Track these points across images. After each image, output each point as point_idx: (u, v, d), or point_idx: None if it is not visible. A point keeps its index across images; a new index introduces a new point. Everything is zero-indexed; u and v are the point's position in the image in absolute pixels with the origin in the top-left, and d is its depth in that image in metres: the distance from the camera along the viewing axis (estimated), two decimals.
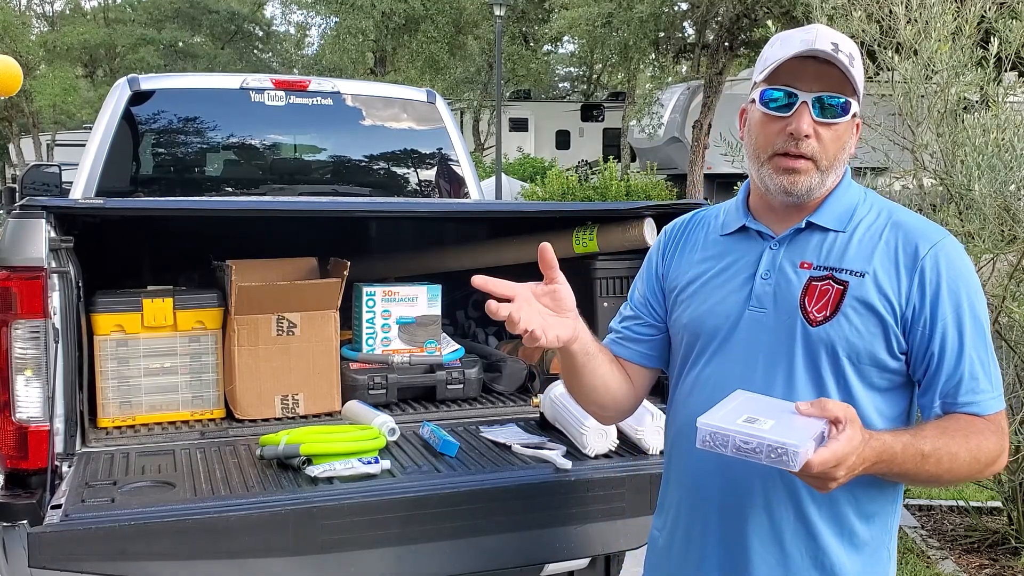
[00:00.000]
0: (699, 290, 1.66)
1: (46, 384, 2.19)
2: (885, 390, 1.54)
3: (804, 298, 1.54)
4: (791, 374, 1.54)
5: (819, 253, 1.56)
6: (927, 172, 3.85)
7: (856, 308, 1.51)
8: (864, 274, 1.52)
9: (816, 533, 1.53)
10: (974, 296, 1.52)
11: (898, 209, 1.60)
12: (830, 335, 1.51)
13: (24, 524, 2.01)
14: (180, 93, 4.36)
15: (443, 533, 2.14)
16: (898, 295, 1.50)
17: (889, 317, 1.50)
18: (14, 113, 31.69)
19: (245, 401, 2.71)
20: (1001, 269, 3.71)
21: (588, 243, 3.00)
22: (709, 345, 1.62)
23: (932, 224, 1.57)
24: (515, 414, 2.81)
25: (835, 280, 1.53)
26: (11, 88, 6.32)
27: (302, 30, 41.71)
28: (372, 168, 4.73)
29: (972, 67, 3.75)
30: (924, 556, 3.89)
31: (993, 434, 1.49)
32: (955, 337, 1.50)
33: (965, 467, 1.47)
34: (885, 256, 1.52)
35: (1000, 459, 1.51)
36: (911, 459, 1.41)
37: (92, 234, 2.67)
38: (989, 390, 1.51)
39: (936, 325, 1.50)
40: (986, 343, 1.53)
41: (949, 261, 1.51)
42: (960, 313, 1.50)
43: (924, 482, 1.51)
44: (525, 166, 23.83)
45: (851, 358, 1.51)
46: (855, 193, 1.61)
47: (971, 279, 1.54)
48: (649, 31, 19.97)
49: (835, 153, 1.54)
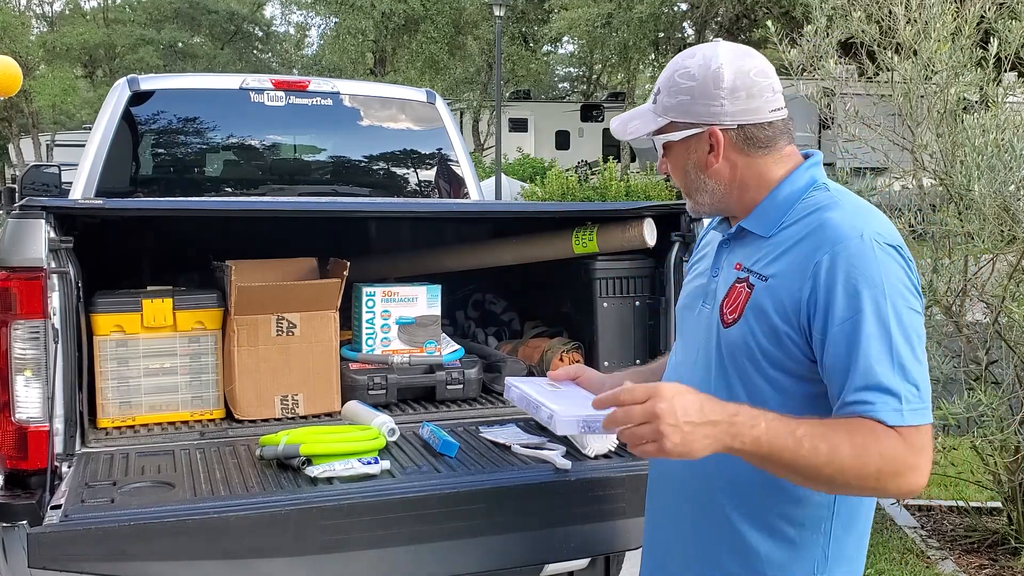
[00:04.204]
0: (687, 282, 1.78)
1: (46, 384, 2.19)
2: (800, 396, 1.51)
3: (724, 299, 1.60)
4: (709, 371, 1.60)
5: (750, 256, 1.59)
6: (927, 172, 3.85)
7: (756, 312, 1.53)
8: (768, 279, 1.53)
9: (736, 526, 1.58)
10: (882, 300, 1.43)
11: (836, 207, 1.53)
12: (735, 337, 1.55)
13: (24, 524, 2.01)
14: (180, 93, 4.36)
15: (443, 533, 2.14)
16: (796, 301, 1.48)
17: (783, 323, 1.49)
18: (14, 113, 31.73)
19: (245, 401, 2.71)
20: (1001, 269, 3.71)
21: (588, 243, 3.00)
22: (680, 332, 1.75)
23: (852, 224, 1.49)
24: (515, 414, 2.81)
25: (748, 283, 1.56)
26: (11, 88, 6.32)
27: (302, 30, 41.77)
28: (372, 168, 4.73)
29: (972, 67, 3.75)
30: (924, 556, 3.89)
31: (896, 443, 1.38)
32: (850, 346, 1.43)
33: (850, 463, 1.38)
34: (795, 261, 1.51)
35: (909, 476, 1.39)
36: (781, 435, 1.38)
37: (92, 234, 2.67)
38: (892, 400, 1.40)
39: (828, 332, 1.45)
40: (891, 348, 1.42)
41: (850, 264, 1.45)
42: (859, 319, 1.43)
43: (810, 477, 1.42)
44: (525, 166, 23.81)
45: (752, 361, 1.53)
46: (796, 194, 1.58)
47: (880, 282, 1.44)
48: (649, 31, 20.01)
49: (683, 180, 1.65)
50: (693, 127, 1.58)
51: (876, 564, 3.82)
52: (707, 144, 1.59)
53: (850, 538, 1.59)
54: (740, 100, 1.55)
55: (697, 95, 1.57)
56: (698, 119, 1.58)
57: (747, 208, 1.62)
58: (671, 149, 1.64)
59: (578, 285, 3.17)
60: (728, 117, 1.56)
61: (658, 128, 1.63)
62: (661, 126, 1.62)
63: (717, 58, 1.57)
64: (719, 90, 1.55)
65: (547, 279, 3.41)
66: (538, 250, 3.21)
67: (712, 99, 1.56)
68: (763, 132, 1.58)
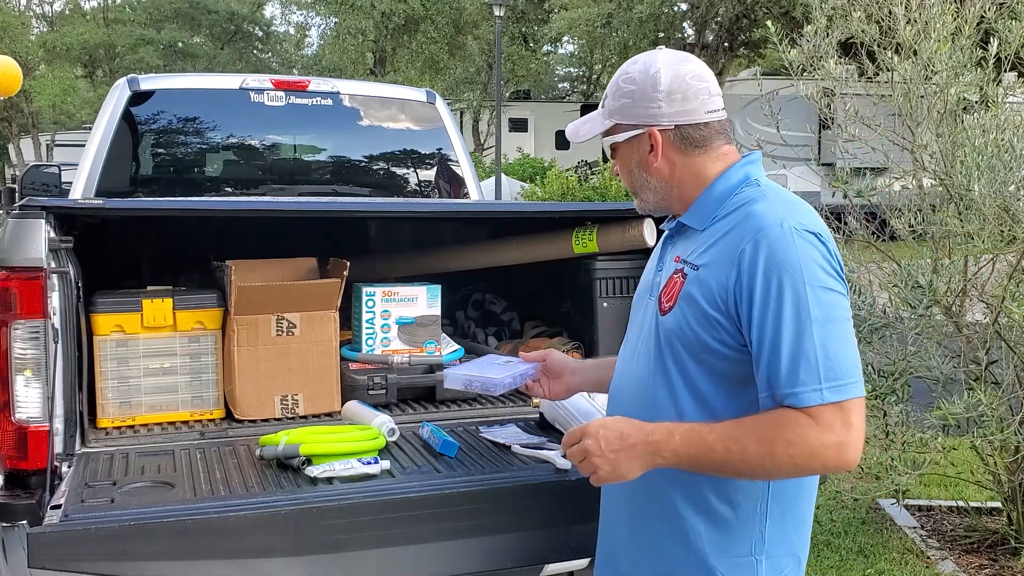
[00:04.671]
0: (642, 276, 1.89)
1: (46, 384, 2.19)
2: (732, 379, 1.60)
3: (663, 289, 1.71)
4: (649, 357, 1.70)
5: (687, 248, 1.70)
6: (927, 172, 3.85)
7: (688, 300, 1.63)
8: (699, 268, 1.63)
9: (679, 510, 1.66)
10: (800, 285, 1.52)
11: (762, 200, 1.63)
12: (670, 324, 1.66)
13: (24, 524, 2.01)
14: (180, 93, 4.36)
15: (443, 533, 2.14)
16: (724, 289, 1.58)
17: (712, 310, 1.59)
18: (14, 113, 31.73)
19: (245, 401, 2.71)
20: (1001, 269, 3.71)
21: (588, 243, 3.00)
22: (629, 325, 1.85)
23: (775, 214, 1.58)
24: (515, 414, 2.82)
25: (682, 273, 1.67)
26: (11, 88, 6.31)
27: (302, 30, 41.77)
28: (372, 168, 4.73)
29: (972, 67, 3.75)
30: (924, 556, 3.89)
31: (803, 428, 1.48)
32: (771, 329, 1.52)
33: (760, 457, 1.51)
34: (723, 251, 1.61)
35: (828, 453, 1.49)
36: (695, 443, 1.53)
37: (92, 234, 2.67)
38: (809, 382, 1.49)
39: (753, 317, 1.54)
40: (808, 333, 1.50)
41: (770, 251, 1.54)
42: (779, 304, 1.52)
43: (738, 473, 1.57)
44: (525, 166, 23.80)
45: (685, 346, 1.63)
46: (729, 190, 1.68)
47: (798, 267, 1.52)
48: (649, 31, 20.01)
49: (629, 179, 1.77)
50: (635, 128, 1.71)
51: (876, 564, 3.82)
52: (647, 144, 1.70)
53: (788, 519, 1.66)
54: (676, 102, 1.67)
55: (637, 98, 1.69)
56: (639, 120, 1.70)
57: (686, 204, 1.73)
58: (618, 150, 1.76)
59: (578, 285, 3.17)
60: (666, 118, 1.68)
61: (605, 130, 1.76)
62: (608, 128, 1.75)
63: (656, 63, 1.69)
64: (657, 93, 1.67)
65: (547, 279, 3.41)
66: (538, 250, 3.21)
67: (650, 101, 1.68)
68: (699, 132, 1.69)
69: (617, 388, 1.81)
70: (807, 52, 3.96)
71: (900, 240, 3.89)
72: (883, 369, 3.79)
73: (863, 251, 4.13)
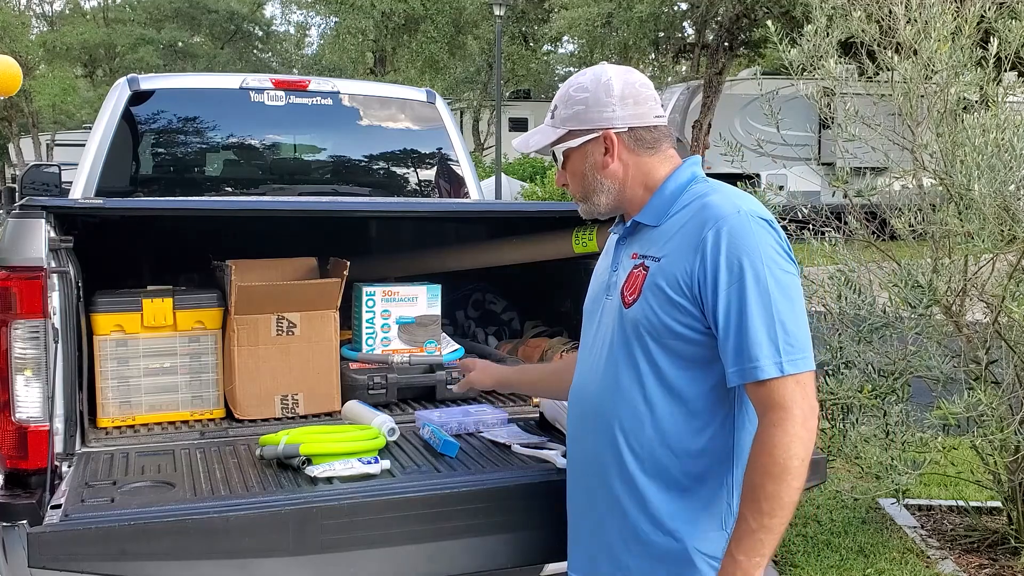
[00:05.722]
0: (590, 287, 1.98)
1: (46, 384, 2.19)
2: (697, 363, 1.71)
3: (624, 284, 1.80)
4: (614, 350, 1.79)
5: (644, 244, 1.80)
6: (927, 172, 3.84)
7: (652, 289, 1.72)
8: (661, 259, 1.73)
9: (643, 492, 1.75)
10: (760, 267, 1.63)
11: (715, 192, 1.75)
12: (635, 314, 1.74)
13: (24, 524, 2.00)
14: (180, 93, 4.36)
15: (443, 533, 2.14)
16: (688, 275, 1.68)
17: (677, 296, 1.69)
18: (14, 113, 31.72)
19: (245, 401, 2.71)
20: (1001, 269, 3.70)
21: (588, 243, 3.00)
22: (586, 329, 1.93)
23: (731, 203, 1.70)
24: (515, 414, 2.81)
25: (643, 266, 1.76)
26: (11, 88, 6.31)
27: (302, 30, 41.76)
28: (372, 168, 4.73)
29: (972, 67, 3.75)
30: (924, 556, 3.89)
31: (780, 420, 1.59)
32: (736, 308, 1.63)
33: (784, 483, 1.59)
34: (683, 241, 1.71)
35: (807, 425, 1.60)
36: (747, 540, 1.60)
37: (92, 234, 2.67)
38: (772, 355, 1.61)
39: (719, 299, 1.64)
40: (769, 311, 1.62)
41: (731, 236, 1.65)
42: (742, 284, 1.63)
43: (789, 504, 1.62)
44: (525, 166, 23.81)
45: (651, 334, 1.72)
46: (680, 187, 1.80)
47: (757, 251, 1.64)
48: (649, 31, 19.99)
49: (581, 184, 1.85)
50: (590, 132, 1.80)
51: (876, 564, 3.82)
52: (603, 147, 1.81)
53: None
54: (629, 106, 1.79)
55: (591, 104, 1.80)
56: (593, 125, 1.80)
57: (638, 205, 1.83)
58: (570, 157, 1.85)
59: (578, 285, 3.16)
60: (620, 121, 1.79)
61: (558, 138, 1.84)
62: (560, 135, 1.83)
63: (606, 73, 1.81)
64: (610, 98, 1.79)
65: (547, 279, 3.41)
66: (538, 250, 3.21)
67: (604, 106, 1.79)
68: (650, 134, 1.82)
69: (579, 389, 1.90)
70: (807, 52, 3.96)
71: (900, 240, 3.89)
72: (883, 369, 3.79)
73: (863, 251, 4.13)
